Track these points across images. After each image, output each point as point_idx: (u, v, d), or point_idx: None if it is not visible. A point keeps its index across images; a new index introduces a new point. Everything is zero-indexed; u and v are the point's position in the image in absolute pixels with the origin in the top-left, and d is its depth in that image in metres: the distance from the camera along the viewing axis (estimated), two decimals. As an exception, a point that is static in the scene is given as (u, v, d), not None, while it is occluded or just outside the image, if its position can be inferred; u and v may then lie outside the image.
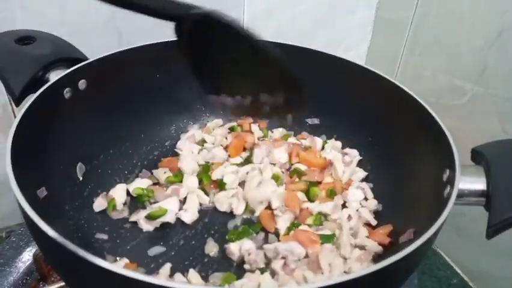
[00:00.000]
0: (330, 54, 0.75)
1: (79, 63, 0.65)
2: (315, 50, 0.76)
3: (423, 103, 0.63)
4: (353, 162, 0.75)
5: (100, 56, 0.68)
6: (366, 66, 0.73)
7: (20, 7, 0.74)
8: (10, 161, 0.47)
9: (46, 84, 0.60)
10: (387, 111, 0.71)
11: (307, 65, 0.76)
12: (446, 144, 0.55)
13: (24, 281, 0.72)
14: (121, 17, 0.79)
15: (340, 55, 0.75)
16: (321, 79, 0.77)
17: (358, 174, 0.74)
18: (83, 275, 0.42)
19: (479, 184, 0.53)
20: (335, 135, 0.81)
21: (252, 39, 0.52)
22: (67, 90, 0.63)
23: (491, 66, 0.79)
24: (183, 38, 0.53)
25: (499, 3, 0.76)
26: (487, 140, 0.59)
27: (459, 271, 0.89)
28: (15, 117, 0.60)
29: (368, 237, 0.63)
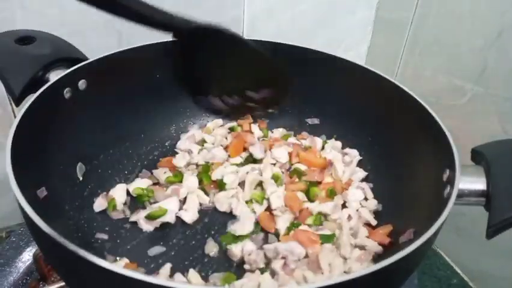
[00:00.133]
0: (330, 54, 0.75)
1: (79, 63, 0.65)
2: (315, 50, 0.76)
3: (423, 103, 0.63)
4: (353, 162, 0.75)
5: (100, 56, 0.68)
6: (366, 66, 0.73)
7: (20, 7, 0.74)
8: (10, 161, 0.47)
9: (46, 84, 0.60)
10: (387, 111, 0.71)
11: (307, 65, 0.77)
12: (446, 144, 0.55)
13: (24, 281, 0.72)
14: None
15: (340, 55, 0.75)
16: (321, 79, 0.77)
17: (358, 174, 0.74)
18: (83, 275, 0.42)
19: (479, 184, 0.53)
20: (335, 135, 0.81)
21: (242, 40, 0.55)
22: (67, 90, 0.63)
23: (491, 66, 0.79)
24: (179, 48, 0.55)
25: (499, 3, 0.76)
26: (487, 140, 0.59)
27: (459, 271, 0.89)
28: (15, 117, 0.60)
29: (368, 237, 0.63)
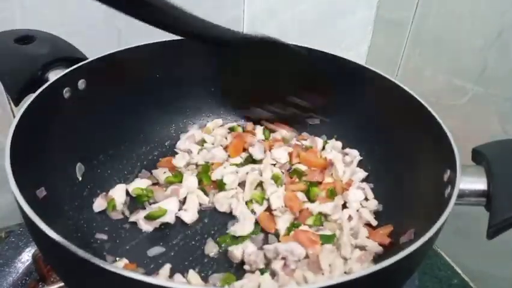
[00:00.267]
0: (330, 53, 0.75)
1: (78, 62, 0.65)
2: (316, 50, 0.76)
3: (424, 103, 0.62)
4: (354, 162, 0.75)
5: (100, 56, 0.68)
6: (366, 65, 0.73)
7: (20, 7, 0.73)
8: (9, 161, 0.47)
9: (45, 83, 0.60)
10: (387, 111, 0.71)
11: (307, 65, 0.76)
12: (447, 144, 0.55)
13: (23, 282, 0.71)
14: (121, 17, 0.79)
15: (340, 55, 0.75)
16: (321, 79, 0.77)
17: (358, 174, 0.74)
18: (82, 276, 0.42)
19: (479, 184, 0.52)
20: (336, 135, 0.80)
21: (285, 45, 0.55)
22: (66, 90, 0.63)
23: (491, 66, 0.79)
24: (226, 61, 0.55)
25: (499, 3, 0.76)
26: (488, 140, 0.59)
27: (460, 271, 0.89)
28: (14, 117, 0.60)
29: (369, 237, 0.63)
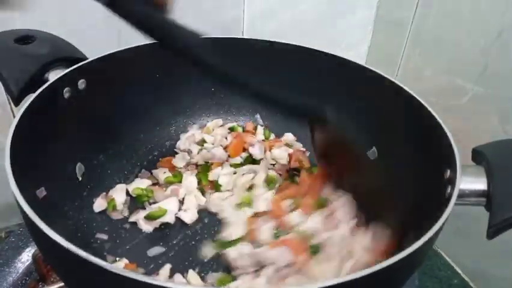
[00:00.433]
0: (330, 53, 0.75)
1: (79, 62, 0.65)
2: (316, 49, 0.76)
3: (424, 103, 0.62)
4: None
5: (100, 56, 0.67)
6: (366, 65, 0.73)
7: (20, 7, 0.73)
8: (9, 161, 0.47)
9: (45, 84, 0.60)
10: (387, 111, 0.71)
11: (307, 65, 0.76)
12: (447, 144, 0.55)
13: (23, 282, 0.71)
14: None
15: (340, 55, 0.75)
16: (321, 78, 0.77)
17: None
18: (82, 276, 0.42)
19: (479, 184, 0.52)
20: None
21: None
22: (66, 89, 0.63)
23: (491, 66, 0.79)
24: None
25: (499, 3, 0.76)
26: (488, 140, 0.58)
27: (460, 271, 0.88)
28: (14, 117, 0.60)
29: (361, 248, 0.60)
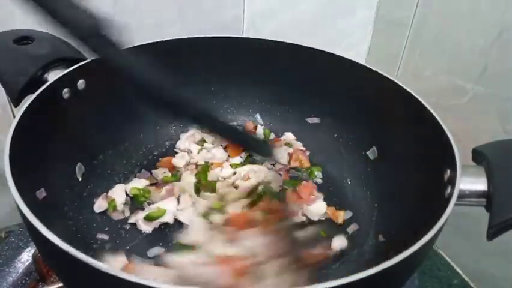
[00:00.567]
0: (330, 52, 0.75)
1: (78, 63, 0.65)
2: (316, 49, 0.75)
3: (424, 103, 0.62)
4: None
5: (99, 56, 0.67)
6: (367, 65, 0.73)
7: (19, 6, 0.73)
8: (9, 162, 0.47)
9: (45, 84, 0.59)
10: (387, 110, 0.71)
11: (307, 64, 0.76)
12: (447, 144, 0.55)
13: (23, 282, 0.71)
14: (121, 17, 0.79)
15: (340, 55, 0.75)
16: (321, 78, 0.77)
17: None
18: (82, 278, 0.41)
19: (480, 185, 0.52)
20: (335, 134, 0.80)
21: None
22: (66, 90, 0.63)
23: (491, 66, 0.79)
24: None
25: (499, 3, 0.76)
26: (488, 140, 0.58)
27: (460, 271, 0.88)
28: (14, 117, 0.59)
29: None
